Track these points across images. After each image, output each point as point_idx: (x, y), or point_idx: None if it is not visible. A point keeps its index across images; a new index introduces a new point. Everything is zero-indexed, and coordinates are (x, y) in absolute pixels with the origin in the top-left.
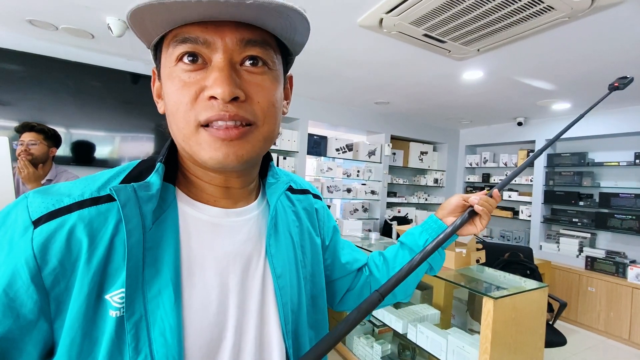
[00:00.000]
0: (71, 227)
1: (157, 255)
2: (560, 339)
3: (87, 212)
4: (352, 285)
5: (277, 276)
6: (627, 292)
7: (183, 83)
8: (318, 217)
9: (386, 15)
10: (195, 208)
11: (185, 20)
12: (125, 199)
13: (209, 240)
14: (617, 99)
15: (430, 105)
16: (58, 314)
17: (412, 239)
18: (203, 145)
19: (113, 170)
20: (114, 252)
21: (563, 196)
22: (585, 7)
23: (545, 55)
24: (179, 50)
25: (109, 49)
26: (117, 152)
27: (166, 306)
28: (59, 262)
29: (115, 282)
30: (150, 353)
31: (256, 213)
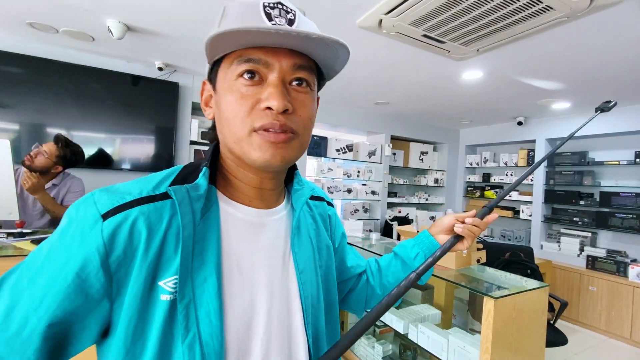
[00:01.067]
0: (133, 220)
1: (203, 247)
2: (561, 339)
3: (146, 208)
4: (353, 287)
5: (300, 271)
6: (628, 291)
7: (242, 95)
8: (330, 223)
9: (385, 16)
10: (233, 207)
11: (252, 44)
12: (181, 197)
13: (245, 235)
14: (616, 98)
15: (430, 105)
16: (117, 296)
17: (404, 251)
18: (254, 146)
19: (162, 173)
20: (166, 244)
21: (564, 195)
22: (584, 7)
23: (544, 55)
24: (242, 68)
25: (109, 51)
26: (117, 153)
27: (210, 292)
28: (122, 250)
29: (168, 270)
30: (198, 332)
31: (283, 214)
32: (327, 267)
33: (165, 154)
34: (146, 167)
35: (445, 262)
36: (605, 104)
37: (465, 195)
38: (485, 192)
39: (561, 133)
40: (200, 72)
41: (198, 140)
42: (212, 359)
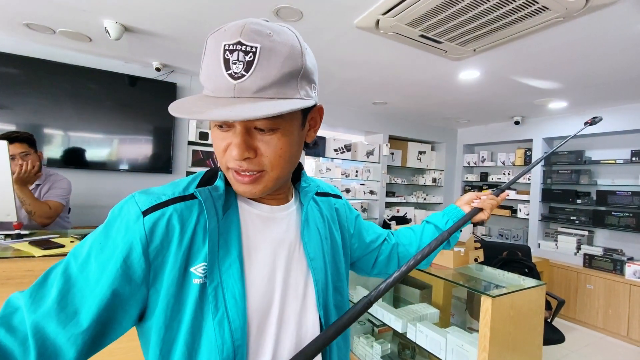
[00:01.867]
0: (169, 216)
1: (227, 239)
2: (558, 337)
3: (179, 206)
4: (379, 254)
5: (311, 259)
6: (625, 289)
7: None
8: (339, 214)
9: (382, 16)
10: (249, 205)
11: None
12: (205, 197)
13: (261, 229)
14: (612, 98)
15: (428, 105)
16: (154, 282)
17: (435, 219)
18: (232, 181)
19: (189, 178)
20: (196, 236)
21: (561, 194)
22: (580, 7)
23: (541, 55)
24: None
25: (106, 52)
26: (115, 154)
27: (235, 276)
28: (160, 241)
29: (198, 258)
30: (226, 310)
31: (293, 209)
32: (334, 254)
33: (163, 155)
34: (144, 168)
35: (443, 261)
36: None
37: (463, 194)
38: (483, 191)
39: (558, 132)
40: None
41: (196, 141)
42: (238, 333)
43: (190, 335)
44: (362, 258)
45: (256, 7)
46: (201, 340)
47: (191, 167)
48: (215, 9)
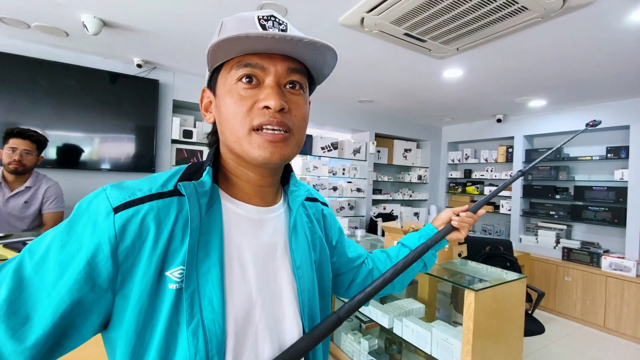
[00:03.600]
0: (144, 214)
1: (208, 240)
2: (538, 328)
3: (156, 204)
4: (355, 277)
5: (297, 267)
6: (601, 281)
7: (241, 97)
8: (325, 222)
9: (367, 14)
10: (234, 204)
11: (250, 51)
12: (190, 192)
13: (245, 230)
14: (588, 96)
15: (413, 103)
16: (121, 287)
17: (412, 242)
18: (254, 145)
19: (168, 172)
20: (174, 237)
21: (540, 190)
22: (558, 8)
23: (521, 54)
24: (240, 72)
25: (85, 48)
26: (96, 153)
27: (214, 281)
28: (131, 242)
29: (175, 261)
30: (202, 318)
31: (280, 212)
32: (320, 262)
33: (146, 153)
34: (126, 166)
35: None
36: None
37: (448, 191)
38: (467, 188)
39: (538, 130)
40: (181, 68)
41: (180, 139)
42: (214, 344)
43: (164, 345)
44: (339, 275)
45: (241, 3)
46: (176, 351)
47: (175, 165)
48: (199, 5)
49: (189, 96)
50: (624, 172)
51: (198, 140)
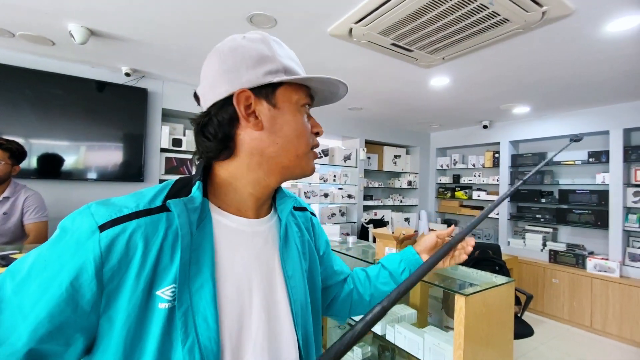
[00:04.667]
0: (131, 232)
1: (199, 255)
2: (528, 330)
3: (144, 221)
4: (337, 294)
5: (289, 277)
6: (587, 282)
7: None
8: (314, 231)
9: (355, 25)
10: (225, 217)
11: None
12: (180, 210)
13: (236, 243)
14: (570, 103)
15: (402, 110)
16: (106, 309)
17: (392, 265)
18: (310, 160)
19: (155, 188)
20: (163, 255)
21: (527, 194)
22: (537, 20)
23: (504, 63)
24: (308, 100)
25: (71, 56)
26: (82, 162)
27: (207, 298)
28: (117, 261)
29: (165, 279)
30: (197, 336)
31: (271, 223)
32: (311, 271)
33: (135, 162)
34: (114, 176)
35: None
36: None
37: (437, 196)
38: (456, 193)
39: (523, 135)
40: (170, 77)
41: (169, 148)
42: None
43: None
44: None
45: (230, 13)
46: None
47: (164, 174)
48: (188, 15)
49: (178, 105)
50: (605, 176)
51: (188, 148)
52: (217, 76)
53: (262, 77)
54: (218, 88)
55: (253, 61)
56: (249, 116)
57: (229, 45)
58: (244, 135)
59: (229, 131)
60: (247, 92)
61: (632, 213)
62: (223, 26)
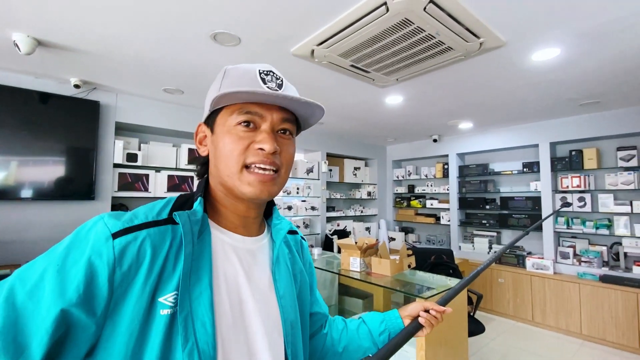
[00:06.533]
0: (142, 240)
1: (199, 265)
2: (480, 328)
3: (153, 231)
4: (314, 333)
5: (281, 297)
6: (527, 280)
7: (239, 137)
8: (303, 255)
9: (317, 47)
10: (222, 232)
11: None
12: (184, 220)
13: (231, 257)
14: (506, 120)
15: (360, 125)
16: (112, 313)
17: (373, 323)
18: (244, 182)
19: (161, 202)
20: (167, 263)
21: (473, 201)
22: (476, 49)
23: (450, 85)
24: (241, 118)
25: (12, 67)
26: (13, 178)
27: (206, 304)
28: (128, 267)
29: (168, 287)
30: (195, 340)
31: (264, 243)
32: (300, 293)
33: (84, 179)
34: (59, 194)
35: (382, 270)
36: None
37: (395, 205)
38: (411, 202)
39: (468, 148)
40: (125, 89)
41: (123, 163)
42: None
43: None
44: None
45: (193, 30)
46: None
47: (117, 191)
48: (149, 29)
49: (134, 118)
50: (537, 184)
51: (143, 163)
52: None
53: (208, 109)
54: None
55: (210, 96)
56: (201, 145)
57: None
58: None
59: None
60: (201, 125)
61: (560, 216)
62: (186, 42)
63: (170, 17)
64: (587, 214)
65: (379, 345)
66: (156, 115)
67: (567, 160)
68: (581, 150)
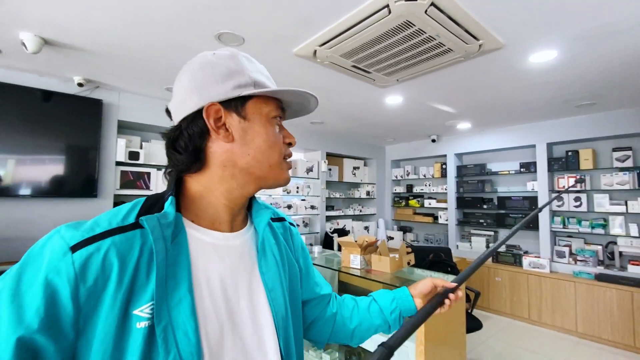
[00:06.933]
0: (106, 250)
1: (176, 270)
2: (477, 324)
3: (118, 238)
4: (319, 315)
5: (269, 289)
6: (524, 278)
7: (277, 130)
8: (294, 241)
9: (319, 47)
10: (199, 231)
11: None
12: (153, 225)
13: (212, 257)
14: (504, 120)
15: (360, 125)
16: (84, 331)
17: (384, 301)
18: (284, 169)
19: (127, 205)
20: (139, 273)
21: (471, 201)
22: (475, 51)
23: (449, 86)
24: (278, 112)
25: (18, 65)
26: (15, 175)
27: (186, 312)
28: (94, 281)
29: (142, 298)
30: (178, 351)
31: (247, 236)
32: (291, 282)
33: (87, 176)
34: (59, 191)
35: (381, 267)
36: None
37: (393, 205)
38: (410, 202)
39: (466, 148)
40: (127, 88)
41: (125, 161)
42: None
43: None
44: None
45: (198, 30)
46: None
47: (120, 189)
48: (154, 30)
49: (136, 116)
50: (534, 184)
51: (145, 162)
52: (187, 91)
53: (231, 90)
54: (188, 102)
55: (222, 76)
56: (219, 128)
57: (200, 61)
58: (215, 148)
59: (199, 144)
60: (216, 105)
61: (557, 216)
62: (190, 42)
63: (175, 17)
64: (583, 214)
65: (390, 323)
66: (158, 114)
67: (564, 161)
68: (577, 150)
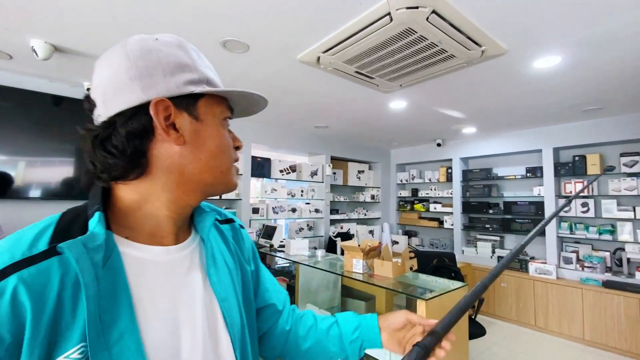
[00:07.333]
0: (12, 291)
1: (112, 301)
2: (481, 330)
3: (27, 273)
4: (271, 328)
5: (222, 300)
6: (530, 285)
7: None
8: (244, 244)
9: (323, 54)
10: (137, 249)
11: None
12: (78, 253)
13: (156, 276)
14: (509, 125)
15: (364, 129)
16: None
17: (346, 327)
18: (233, 174)
19: (34, 227)
20: (62, 309)
21: (477, 206)
22: (478, 56)
23: (453, 91)
24: (228, 114)
25: (29, 70)
26: (21, 179)
27: (131, 347)
28: (7, 332)
29: (69, 340)
30: None
31: (193, 247)
32: (244, 288)
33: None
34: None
35: (384, 271)
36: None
37: (398, 209)
38: (415, 206)
39: (471, 153)
40: None
41: None
42: None
43: None
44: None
45: (203, 37)
46: None
47: None
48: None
49: None
50: (540, 189)
51: None
52: (125, 80)
53: (182, 86)
54: (127, 94)
55: (171, 68)
56: (169, 128)
57: (140, 46)
58: (159, 150)
59: (140, 145)
60: (166, 102)
61: (564, 221)
62: None
63: (182, 25)
64: (590, 220)
65: (348, 353)
66: None
67: (571, 166)
68: (584, 155)
